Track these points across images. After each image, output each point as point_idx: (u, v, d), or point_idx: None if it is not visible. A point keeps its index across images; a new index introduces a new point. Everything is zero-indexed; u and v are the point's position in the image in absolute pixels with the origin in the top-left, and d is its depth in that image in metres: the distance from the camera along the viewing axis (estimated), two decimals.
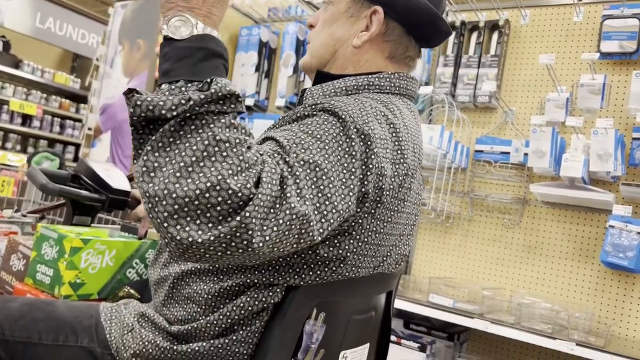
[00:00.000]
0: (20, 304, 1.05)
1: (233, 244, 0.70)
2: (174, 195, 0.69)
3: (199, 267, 0.97)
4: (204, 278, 0.96)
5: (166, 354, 0.92)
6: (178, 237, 0.69)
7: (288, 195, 0.74)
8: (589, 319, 2.05)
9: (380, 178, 0.88)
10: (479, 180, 2.60)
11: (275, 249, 0.77)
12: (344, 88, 1.03)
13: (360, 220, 0.89)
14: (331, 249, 0.89)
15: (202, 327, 0.92)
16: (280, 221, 0.73)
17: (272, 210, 0.72)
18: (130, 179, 1.58)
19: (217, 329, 0.91)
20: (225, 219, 0.69)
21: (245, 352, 0.91)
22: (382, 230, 0.95)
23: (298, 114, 0.91)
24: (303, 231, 0.77)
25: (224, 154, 0.71)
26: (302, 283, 0.90)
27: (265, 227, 0.72)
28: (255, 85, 3.19)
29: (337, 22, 1.08)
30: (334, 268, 0.91)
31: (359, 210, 0.87)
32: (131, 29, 3.80)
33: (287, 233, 0.75)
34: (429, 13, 1.05)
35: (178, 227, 0.69)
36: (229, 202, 0.69)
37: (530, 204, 2.47)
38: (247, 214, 0.69)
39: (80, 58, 7.16)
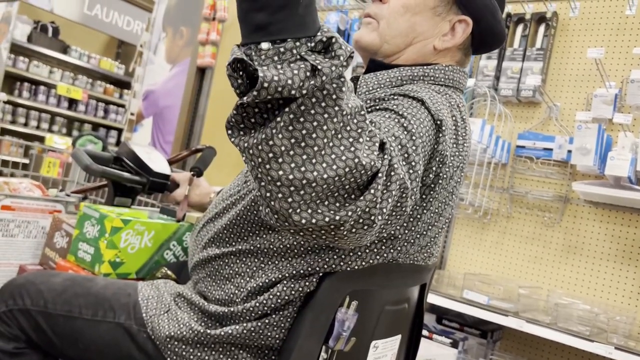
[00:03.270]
0: (62, 279, 1.09)
1: (361, 220, 0.67)
2: (312, 184, 0.63)
3: (240, 247, 0.98)
4: (243, 259, 0.98)
5: (199, 337, 0.94)
6: (313, 221, 0.65)
7: (395, 166, 0.70)
8: (630, 322, 1.99)
9: (441, 166, 0.89)
10: (520, 177, 2.55)
11: (383, 225, 0.75)
12: (399, 78, 1.02)
13: (413, 212, 0.90)
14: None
15: (239, 312, 0.94)
16: (393, 192, 0.70)
17: (386, 183, 0.69)
18: (170, 162, 1.61)
19: (252, 314, 0.93)
20: (354, 197, 0.66)
21: (277, 335, 0.91)
22: (429, 221, 0.94)
23: (373, 101, 0.91)
24: (399, 204, 0.75)
25: (349, 128, 0.65)
26: (341, 269, 0.90)
27: (382, 200, 0.68)
28: None
29: (422, 14, 1.04)
30: (375, 249, 0.91)
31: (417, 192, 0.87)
32: (175, 16, 3.86)
33: (392, 207, 0.72)
34: (500, 40, 1.11)
35: (310, 210, 0.65)
36: (359, 180, 0.66)
37: (572, 202, 2.40)
38: (377, 186, 0.66)
39: (125, 44, 7.31)
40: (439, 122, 0.88)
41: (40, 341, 1.04)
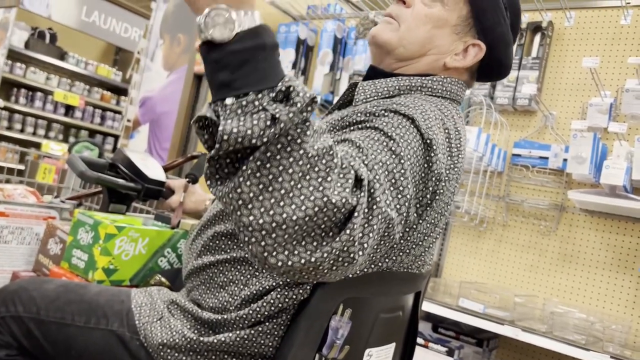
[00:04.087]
0: (55, 286, 1.08)
1: (340, 258, 0.67)
2: (283, 226, 0.64)
3: (235, 255, 0.98)
4: (238, 267, 0.98)
5: (192, 345, 0.93)
6: (289, 263, 0.66)
7: (377, 199, 0.71)
8: (626, 331, 1.99)
9: (437, 183, 0.89)
10: (516, 185, 2.55)
11: (367, 258, 0.75)
12: (397, 87, 1.02)
13: (409, 223, 0.90)
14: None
15: (232, 320, 0.93)
16: (374, 227, 0.70)
17: (367, 218, 0.70)
18: (166, 169, 1.60)
19: (246, 322, 0.92)
20: (332, 235, 0.67)
21: (270, 343, 0.91)
22: (424, 231, 0.95)
23: (365, 115, 0.91)
24: (386, 234, 0.76)
25: (317, 169, 0.66)
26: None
27: (363, 236, 0.69)
28: None
29: (442, 29, 1.05)
30: (370, 259, 0.90)
31: (413, 213, 0.87)
32: (172, 24, 3.87)
33: (376, 239, 0.73)
34: (504, 74, 1.14)
35: (286, 252, 0.66)
36: (334, 218, 0.66)
37: (568, 210, 2.40)
38: (353, 226, 0.66)
39: (122, 51, 7.32)
40: (428, 142, 0.87)
41: (32, 348, 1.03)
